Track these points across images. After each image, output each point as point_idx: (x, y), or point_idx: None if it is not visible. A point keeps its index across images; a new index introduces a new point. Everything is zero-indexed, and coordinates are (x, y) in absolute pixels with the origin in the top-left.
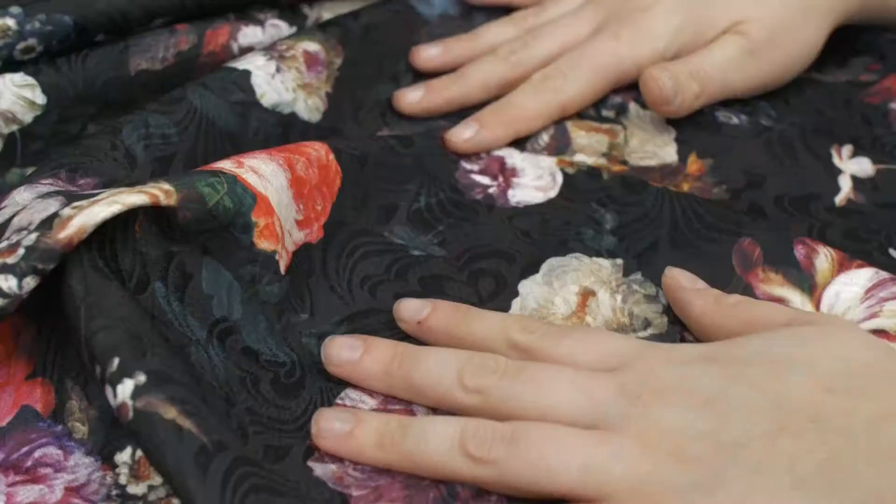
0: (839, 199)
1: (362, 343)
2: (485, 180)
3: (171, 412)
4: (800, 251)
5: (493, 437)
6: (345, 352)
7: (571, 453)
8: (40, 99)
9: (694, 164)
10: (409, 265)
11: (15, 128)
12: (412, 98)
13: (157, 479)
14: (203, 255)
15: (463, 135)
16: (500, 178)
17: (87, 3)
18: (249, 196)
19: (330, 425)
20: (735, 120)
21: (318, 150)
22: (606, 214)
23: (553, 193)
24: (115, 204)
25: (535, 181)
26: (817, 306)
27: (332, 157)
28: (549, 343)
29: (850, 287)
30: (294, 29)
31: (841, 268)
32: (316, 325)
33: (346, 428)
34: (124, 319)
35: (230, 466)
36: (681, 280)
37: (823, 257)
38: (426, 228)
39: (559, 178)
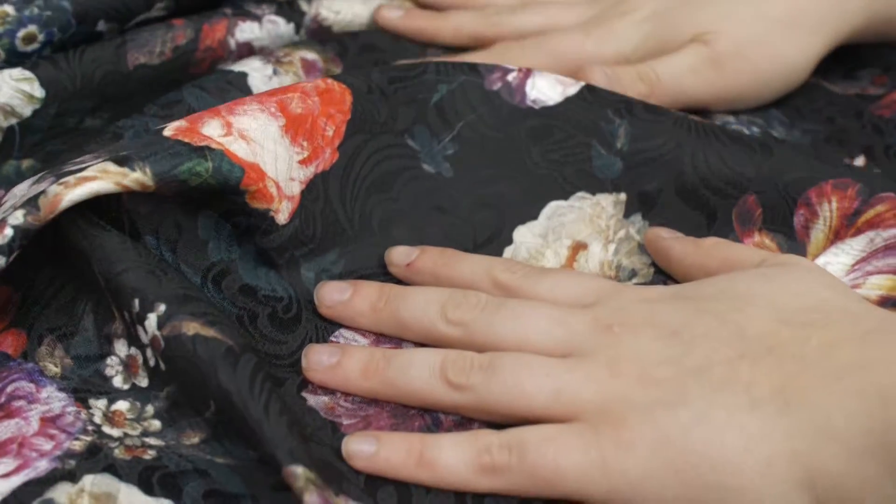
0: None
1: (351, 286)
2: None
3: (192, 327)
4: (800, 218)
5: (472, 365)
6: (336, 294)
7: (544, 378)
8: (38, 92)
9: None
10: (417, 178)
11: (14, 121)
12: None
13: (131, 430)
14: (199, 205)
15: (392, 12)
16: None
17: None
18: (237, 170)
19: (318, 358)
20: (747, 133)
21: (312, 82)
22: (620, 128)
23: (573, 91)
24: (93, 189)
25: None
26: None
27: (331, 81)
28: (530, 282)
29: (839, 258)
30: (291, 25)
31: (836, 237)
32: (318, 257)
33: (334, 360)
34: (134, 260)
35: (255, 366)
36: (660, 232)
37: (822, 223)
38: (444, 127)
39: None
